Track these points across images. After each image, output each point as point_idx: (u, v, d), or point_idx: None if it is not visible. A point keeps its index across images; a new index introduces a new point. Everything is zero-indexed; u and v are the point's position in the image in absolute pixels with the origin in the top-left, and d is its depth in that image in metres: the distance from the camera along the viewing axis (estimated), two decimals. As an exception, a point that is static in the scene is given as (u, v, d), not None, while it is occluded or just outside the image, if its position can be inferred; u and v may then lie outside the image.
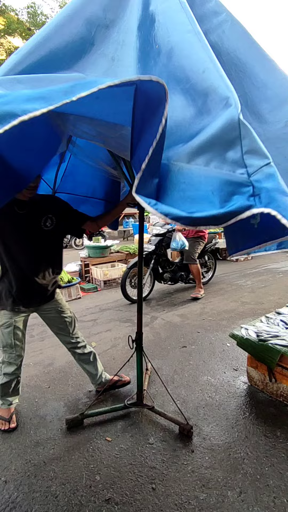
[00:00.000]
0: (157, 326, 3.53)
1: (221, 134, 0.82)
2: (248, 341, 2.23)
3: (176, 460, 1.68)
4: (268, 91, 1.20)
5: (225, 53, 1.21)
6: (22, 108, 0.70)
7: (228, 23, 1.26)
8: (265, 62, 1.26)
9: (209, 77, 0.93)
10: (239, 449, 1.75)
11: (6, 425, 1.94)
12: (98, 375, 2.22)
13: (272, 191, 0.74)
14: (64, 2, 15.06)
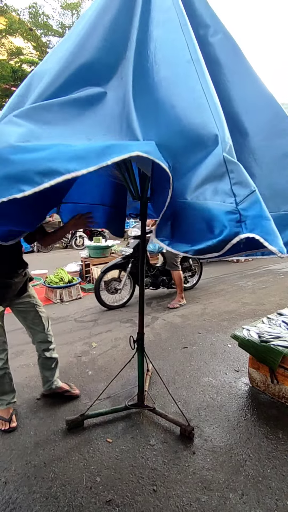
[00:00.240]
0: (158, 327, 3.52)
1: (212, 170, 0.96)
2: (250, 342, 2.22)
3: (177, 461, 1.67)
4: (249, 104, 1.30)
5: (216, 62, 1.29)
6: (65, 167, 0.87)
7: (220, 34, 1.33)
8: (250, 75, 1.34)
9: (202, 114, 1.04)
10: (241, 451, 1.74)
11: (6, 425, 1.93)
12: (52, 381, 2.21)
13: (256, 218, 0.88)
14: (65, 3, 15.10)
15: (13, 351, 2.99)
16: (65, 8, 15.27)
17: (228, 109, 1.20)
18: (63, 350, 2.98)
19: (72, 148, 0.93)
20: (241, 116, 1.28)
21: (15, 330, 3.50)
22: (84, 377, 2.50)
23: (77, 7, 15.27)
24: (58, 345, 3.06)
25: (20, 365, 2.72)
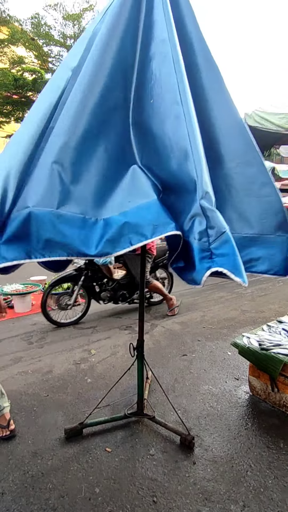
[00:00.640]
0: (157, 334, 3.50)
1: (193, 213, 1.17)
2: (250, 350, 2.21)
3: (177, 472, 1.64)
4: (226, 132, 1.43)
5: (201, 88, 1.43)
6: (130, 239, 1.16)
7: (207, 62, 1.46)
8: (228, 104, 1.46)
9: (186, 160, 1.20)
10: (242, 461, 1.71)
11: (6, 431, 1.91)
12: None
13: (224, 255, 1.09)
14: (67, 14, 15.37)
15: (11, 358, 2.96)
16: (67, 19, 15.53)
17: (208, 135, 1.37)
18: (61, 357, 2.95)
19: (135, 223, 1.19)
20: (219, 143, 1.42)
21: (11, 337, 3.48)
22: (83, 385, 2.47)
23: (79, 18, 15.54)
24: (57, 352, 3.05)
25: (18, 372, 2.69)
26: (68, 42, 16.20)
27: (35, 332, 3.61)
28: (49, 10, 15.35)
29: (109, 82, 1.33)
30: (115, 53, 1.35)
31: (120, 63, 1.36)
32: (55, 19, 15.63)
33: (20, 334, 3.55)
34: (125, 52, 1.37)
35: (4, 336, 3.51)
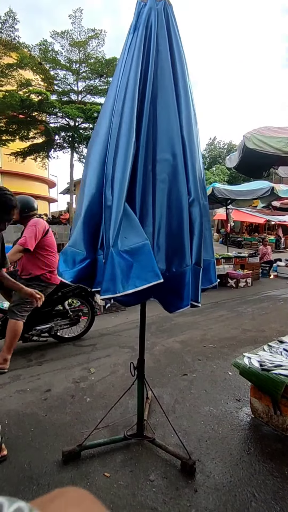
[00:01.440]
0: (158, 353, 3.46)
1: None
2: (251, 370, 2.18)
3: (178, 500, 1.58)
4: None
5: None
6: (135, 284, 1.36)
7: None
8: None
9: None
10: (245, 490, 1.65)
11: None
12: None
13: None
14: (73, 41, 16.11)
15: (9, 376, 2.91)
16: (73, 46, 16.28)
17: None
18: (61, 375, 2.90)
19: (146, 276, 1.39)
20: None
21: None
22: (82, 404, 2.42)
23: (84, 45, 16.27)
24: (56, 370, 3.00)
25: (16, 390, 2.64)
26: (74, 67, 16.89)
27: (34, 349, 3.56)
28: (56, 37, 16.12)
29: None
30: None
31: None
32: (61, 46, 16.37)
33: (19, 351, 3.50)
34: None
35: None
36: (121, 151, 1.48)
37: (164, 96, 1.56)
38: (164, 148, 1.53)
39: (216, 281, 1.88)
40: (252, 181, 9.92)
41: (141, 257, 1.40)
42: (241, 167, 4.82)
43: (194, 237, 1.57)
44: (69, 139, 16.64)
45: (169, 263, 1.53)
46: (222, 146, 33.63)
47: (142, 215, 1.51)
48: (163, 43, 1.57)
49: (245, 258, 8.47)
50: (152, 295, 1.56)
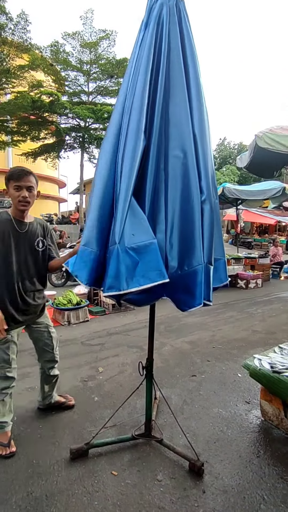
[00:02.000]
0: (166, 353, 3.44)
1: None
2: (261, 372, 2.15)
3: (186, 501, 1.57)
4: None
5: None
6: (139, 282, 1.36)
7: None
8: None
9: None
10: (254, 492, 1.62)
11: (6, 450, 1.87)
12: (51, 395, 2.28)
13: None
14: (84, 42, 16.23)
15: (19, 373, 2.92)
16: (84, 47, 16.40)
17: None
18: (69, 374, 2.92)
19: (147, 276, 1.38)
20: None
21: (19, 352, 3.45)
22: (90, 403, 2.43)
23: (95, 45, 16.38)
24: (64, 368, 3.01)
25: (25, 388, 2.67)
26: (85, 68, 17.01)
27: (43, 347, 3.59)
28: (67, 38, 16.27)
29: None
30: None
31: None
32: (72, 47, 16.51)
33: (28, 349, 3.53)
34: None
35: (12, 351, 3.50)
36: (128, 148, 1.48)
37: (176, 94, 1.55)
38: (176, 146, 1.52)
39: (227, 280, 1.86)
40: (263, 181, 9.80)
41: (147, 256, 1.39)
42: (252, 167, 4.77)
43: (205, 235, 1.55)
44: (79, 139, 16.78)
45: (182, 261, 1.51)
46: (232, 147, 33.33)
47: (153, 212, 1.50)
48: (175, 40, 1.56)
49: (255, 259, 8.36)
50: (164, 293, 1.55)
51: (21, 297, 1.90)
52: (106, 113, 15.49)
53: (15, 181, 1.78)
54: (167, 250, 1.50)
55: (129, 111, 1.54)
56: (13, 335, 1.93)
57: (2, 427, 1.91)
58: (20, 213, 1.88)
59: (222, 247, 1.85)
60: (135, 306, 1.70)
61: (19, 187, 1.79)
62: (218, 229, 1.74)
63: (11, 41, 13.01)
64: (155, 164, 1.50)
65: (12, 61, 13.36)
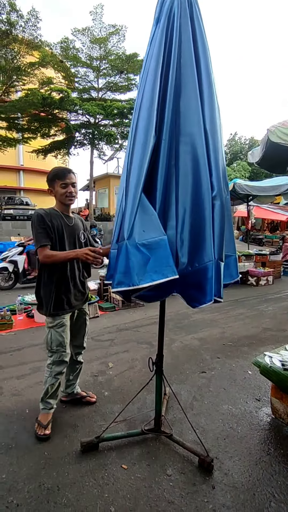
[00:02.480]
0: (176, 349, 3.45)
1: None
2: (272, 369, 2.13)
3: (195, 496, 1.58)
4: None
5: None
6: (152, 278, 1.36)
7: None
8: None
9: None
10: (264, 490, 1.62)
11: (42, 431, 1.98)
12: (74, 384, 2.38)
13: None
14: (94, 37, 16.18)
15: (30, 367, 3.00)
16: (94, 43, 16.35)
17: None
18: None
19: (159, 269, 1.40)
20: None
21: (31, 347, 3.53)
22: (100, 398, 2.46)
23: (105, 41, 16.31)
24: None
25: (36, 381, 2.71)
26: (95, 64, 16.99)
27: (54, 342, 3.64)
28: (77, 34, 16.24)
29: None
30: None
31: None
32: (82, 43, 16.49)
33: (39, 344, 3.60)
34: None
35: (25, 345, 3.57)
36: (138, 145, 1.47)
37: (187, 89, 1.53)
38: (187, 142, 1.51)
39: (238, 277, 1.84)
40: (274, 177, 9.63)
41: (158, 252, 1.39)
42: (263, 162, 4.68)
43: (216, 232, 1.54)
44: (89, 136, 16.80)
45: (193, 258, 1.50)
46: (244, 142, 32.79)
47: (164, 209, 1.50)
48: (186, 34, 1.53)
49: (267, 255, 8.25)
50: (175, 290, 1.54)
51: (74, 283, 2.07)
52: (116, 109, 15.45)
53: (61, 179, 1.97)
54: (178, 247, 1.50)
55: (138, 107, 1.53)
56: (67, 319, 2.06)
57: (48, 408, 2.05)
58: (67, 208, 2.08)
59: (233, 244, 1.83)
60: (146, 302, 1.69)
61: (65, 184, 1.98)
62: (229, 225, 1.72)
63: (21, 39, 13.09)
64: (166, 160, 1.49)
65: (22, 59, 13.45)
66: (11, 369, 2.96)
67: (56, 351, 2.00)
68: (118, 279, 1.38)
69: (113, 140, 16.60)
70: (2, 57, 12.84)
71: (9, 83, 13.63)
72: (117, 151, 19.27)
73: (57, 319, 2.00)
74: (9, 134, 15.16)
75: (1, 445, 1.93)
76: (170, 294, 1.58)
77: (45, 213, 1.97)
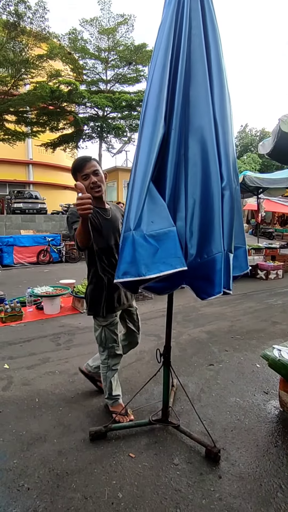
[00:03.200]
0: (184, 342, 3.45)
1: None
2: (281, 363, 2.11)
3: (202, 485, 1.59)
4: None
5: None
6: (160, 269, 1.34)
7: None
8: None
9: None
10: (271, 480, 1.62)
11: (126, 418, 2.04)
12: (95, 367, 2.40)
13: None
14: (102, 28, 15.98)
15: (39, 358, 3.05)
16: (102, 33, 16.16)
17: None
18: (88, 360, 2.99)
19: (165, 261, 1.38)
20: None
21: (40, 338, 3.59)
22: (108, 388, 2.49)
23: (113, 31, 16.10)
24: (84, 354, 3.10)
25: (46, 372, 2.76)
26: (103, 55, 16.81)
27: (62, 334, 3.70)
28: (85, 25, 16.06)
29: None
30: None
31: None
32: (90, 34, 16.31)
33: (48, 335, 3.66)
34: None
35: (34, 336, 3.64)
36: (146, 135, 1.45)
37: (197, 77, 1.48)
38: (196, 131, 1.48)
39: (247, 268, 1.82)
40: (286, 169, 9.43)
41: (167, 242, 1.38)
42: (274, 153, 4.58)
43: (225, 223, 1.52)
44: (97, 129, 16.75)
45: (201, 249, 1.48)
46: (254, 134, 32.16)
47: (174, 199, 1.48)
48: (196, 20, 1.49)
49: (276, 249, 8.14)
50: (184, 282, 1.53)
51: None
52: (124, 101, 15.33)
53: (80, 172, 1.83)
54: (187, 238, 1.48)
55: (147, 96, 1.51)
56: (118, 316, 2.08)
57: (117, 399, 2.11)
58: (99, 200, 1.92)
59: (243, 235, 1.80)
60: (155, 294, 1.67)
61: (86, 175, 1.83)
62: (239, 216, 1.70)
63: (29, 30, 13.01)
64: (176, 150, 1.46)
65: (30, 51, 13.39)
66: (21, 359, 3.02)
67: (112, 347, 2.03)
68: (123, 269, 1.35)
69: (121, 133, 16.51)
70: (11, 49, 12.79)
71: (18, 76, 13.60)
72: (126, 144, 19.17)
73: (109, 318, 1.98)
74: (18, 128, 15.21)
75: (12, 432, 1.98)
76: (179, 286, 1.56)
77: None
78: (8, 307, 4.17)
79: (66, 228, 12.30)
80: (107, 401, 2.14)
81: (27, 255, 9.79)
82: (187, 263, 1.43)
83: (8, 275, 8.13)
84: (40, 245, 9.97)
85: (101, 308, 1.94)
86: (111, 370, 2.05)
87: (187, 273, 1.42)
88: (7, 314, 4.12)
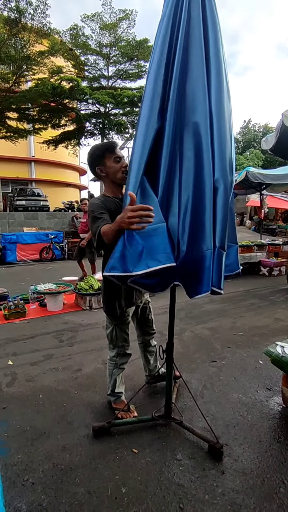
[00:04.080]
0: (186, 339, 3.46)
1: None
2: (284, 359, 2.11)
3: (205, 480, 1.60)
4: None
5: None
6: (148, 265, 1.32)
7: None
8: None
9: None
10: (274, 476, 1.63)
11: (130, 415, 2.05)
12: (156, 366, 2.40)
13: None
14: (103, 23, 15.86)
15: (43, 354, 3.07)
16: (103, 29, 16.04)
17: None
18: (91, 356, 3.01)
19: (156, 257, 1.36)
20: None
21: (43, 335, 3.61)
22: (111, 385, 2.50)
23: (115, 27, 15.98)
24: (87, 351, 3.11)
25: (49, 368, 2.78)
26: (104, 51, 16.70)
27: (65, 331, 3.72)
28: (86, 21, 15.95)
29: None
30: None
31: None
32: (92, 29, 16.20)
33: (51, 332, 3.68)
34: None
35: (37, 333, 3.66)
36: (140, 130, 1.43)
37: (194, 69, 1.45)
38: (190, 125, 1.45)
39: (239, 268, 1.79)
40: (289, 165, 9.35)
41: (156, 238, 1.36)
42: (278, 149, 4.54)
43: (218, 218, 1.49)
44: (99, 125, 16.68)
45: (192, 246, 1.45)
46: (257, 129, 31.88)
47: (168, 194, 1.46)
48: (196, 11, 1.45)
49: (280, 246, 8.10)
50: (176, 279, 1.50)
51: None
52: (126, 97, 15.24)
53: (112, 152, 1.72)
54: (180, 234, 1.45)
55: (144, 89, 1.49)
56: (130, 313, 2.05)
57: (120, 396, 2.12)
58: (121, 189, 1.80)
59: (235, 233, 1.77)
60: (147, 291, 1.64)
61: (119, 158, 1.73)
62: (231, 213, 1.66)
63: (30, 27, 12.95)
64: (171, 144, 1.44)
65: (32, 47, 13.33)
66: (25, 356, 3.04)
67: (122, 346, 2.04)
68: (111, 264, 1.33)
69: (123, 130, 16.45)
70: (12, 46, 12.74)
71: (19, 73, 13.56)
72: (128, 141, 19.08)
73: (122, 317, 1.98)
74: (20, 125, 15.19)
75: (17, 427, 2.00)
76: (171, 284, 1.53)
77: (101, 201, 1.70)
78: (11, 304, 4.19)
79: (68, 226, 12.31)
80: (110, 398, 2.15)
81: (30, 252, 9.83)
82: (179, 260, 1.41)
83: (11, 272, 8.17)
84: (42, 243, 10.00)
85: (116, 308, 1.90)
86: (118, 368, 2.07)
87: (179, 270, 1.40)
88: (10, 311, 4.15)
